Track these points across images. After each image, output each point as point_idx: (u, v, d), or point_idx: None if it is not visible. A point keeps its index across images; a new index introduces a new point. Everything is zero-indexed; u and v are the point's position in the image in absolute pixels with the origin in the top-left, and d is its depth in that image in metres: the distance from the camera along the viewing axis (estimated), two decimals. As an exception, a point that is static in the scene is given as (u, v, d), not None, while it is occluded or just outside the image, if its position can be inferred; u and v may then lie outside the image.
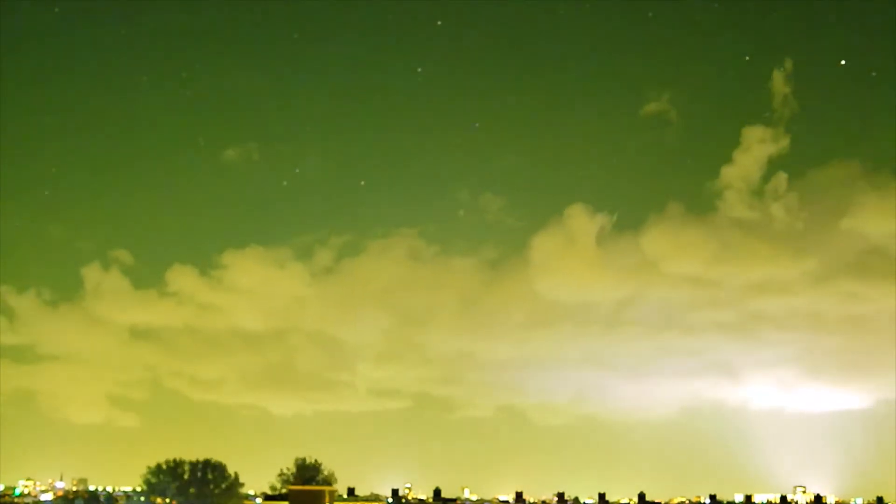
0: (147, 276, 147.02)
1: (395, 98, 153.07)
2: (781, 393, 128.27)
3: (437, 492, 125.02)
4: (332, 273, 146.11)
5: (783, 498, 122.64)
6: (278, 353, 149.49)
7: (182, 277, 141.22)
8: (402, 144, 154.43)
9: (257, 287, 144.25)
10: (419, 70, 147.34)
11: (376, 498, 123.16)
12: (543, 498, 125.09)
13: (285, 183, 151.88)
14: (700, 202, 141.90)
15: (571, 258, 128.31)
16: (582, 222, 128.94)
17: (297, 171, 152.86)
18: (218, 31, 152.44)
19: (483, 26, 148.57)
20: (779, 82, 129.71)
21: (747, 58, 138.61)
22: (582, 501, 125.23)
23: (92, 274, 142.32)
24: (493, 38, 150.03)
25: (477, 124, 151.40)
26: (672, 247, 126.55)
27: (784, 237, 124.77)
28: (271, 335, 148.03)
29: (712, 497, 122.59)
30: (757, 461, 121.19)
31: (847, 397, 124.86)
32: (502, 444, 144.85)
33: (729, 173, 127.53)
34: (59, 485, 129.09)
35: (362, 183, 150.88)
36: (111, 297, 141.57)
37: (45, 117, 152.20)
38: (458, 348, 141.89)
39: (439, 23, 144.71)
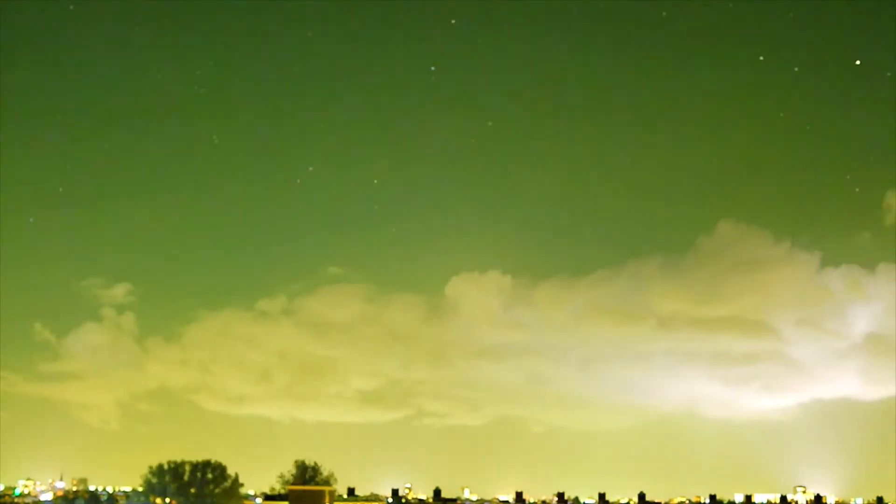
0: (154, 325, 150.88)
1: (408, 97, 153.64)
2: (716, 404, 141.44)
3: (437, 492, 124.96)
4: (299, 312, 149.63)
5: (783, 498, 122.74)
6: (274, 372, 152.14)
7: (184, 326, 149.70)
8: (415, 143, 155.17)
9: (246, 332, 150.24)
10: (432, 69, 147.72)
11: (376, 498, 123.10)
12: (543, 498, 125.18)
13: (298, 181, 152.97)
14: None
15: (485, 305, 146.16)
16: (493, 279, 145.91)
17: (311, 168, 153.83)
18: (231, 29, 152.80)
19: (496, 25, 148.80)
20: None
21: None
22: (582, 501, 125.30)
23: (110, 315, 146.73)
24: (507, 37, 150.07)
25: (491, 123, 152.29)
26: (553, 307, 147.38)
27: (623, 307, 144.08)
28: (266, 361, 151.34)
29: (712, 497, 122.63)
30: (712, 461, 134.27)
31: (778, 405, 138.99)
32: (502, 446, 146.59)
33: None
34: (59, 485, 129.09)
35: (375, 181, 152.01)
36: (127, 334, 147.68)
37: (56, 115, 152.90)
38: (424, 371, 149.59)
39: (453, 21, 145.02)
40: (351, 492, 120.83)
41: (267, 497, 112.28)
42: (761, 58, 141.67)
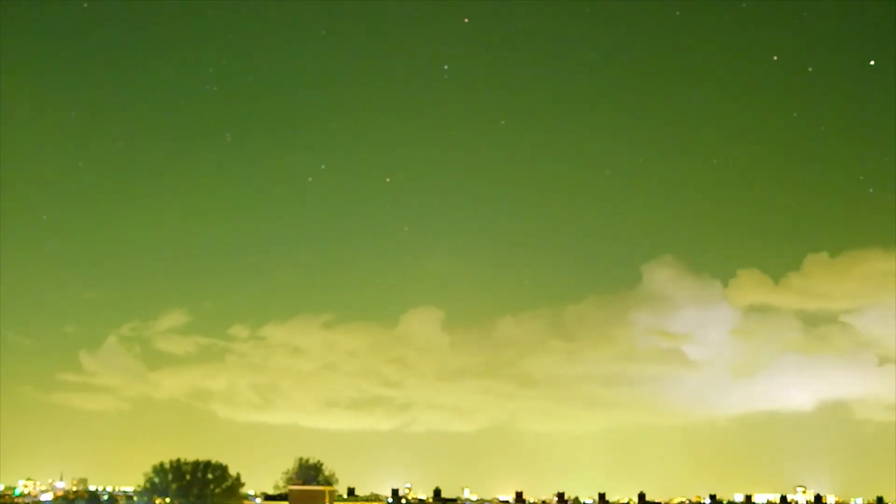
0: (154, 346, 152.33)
1: (420, 95, 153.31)
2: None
3: (437, 492, 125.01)
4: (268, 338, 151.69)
5: (783, 498, 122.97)
6: (268, 385, 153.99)
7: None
8: (427, 142, 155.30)
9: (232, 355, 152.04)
10: (445, 67, 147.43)
11: (376, 498, 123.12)
12: (543, 498, 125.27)
13: (310, 179, 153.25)
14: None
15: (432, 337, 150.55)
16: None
17: (323, 167, 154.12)
18: (244, 28, 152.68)
19: (509, 24, 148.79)
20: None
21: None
22: (582, 501, 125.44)
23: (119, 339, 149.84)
24: (520, 36, 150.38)
25: (503, 122, 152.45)
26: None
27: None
28: (258, 377, 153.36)
29: (712, 497, 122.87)
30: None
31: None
32: (502, 447, 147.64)
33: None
34: (59, 485, 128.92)
35: (387, 180, 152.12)
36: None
37: (71, 112, 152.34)
38: (407, 389, 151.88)
39: (466, 20, 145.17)
40: (351, 492, 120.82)
41: (267, 497, 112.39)
42: (775, 58, 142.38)
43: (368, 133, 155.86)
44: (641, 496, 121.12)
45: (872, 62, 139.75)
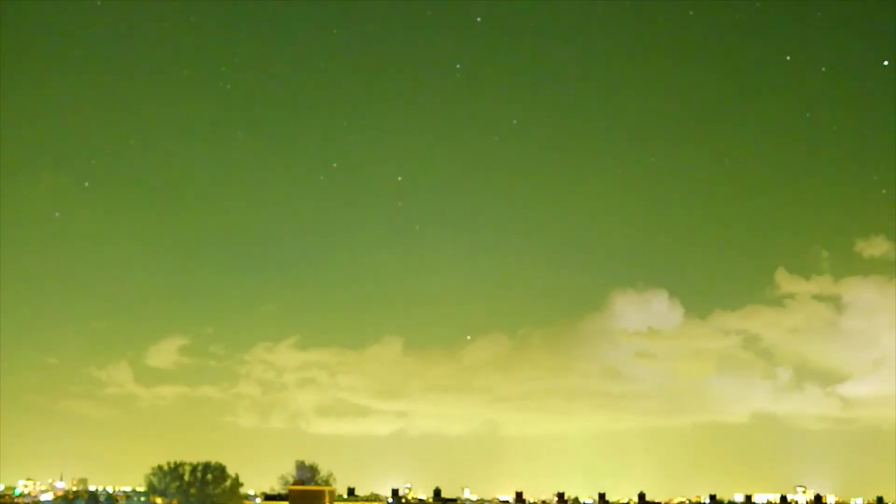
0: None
1: (433, 94, 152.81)
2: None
3: (437, 492, 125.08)
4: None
5: (783, 498, 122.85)
6: (262, 394, 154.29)
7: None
8: (438, 141, 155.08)
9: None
10: (458, 66, 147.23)
11: (376, 498, 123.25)
12: (543, 498, 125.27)
13: (322, 177, 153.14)
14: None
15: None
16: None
17: (335, 165, 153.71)
18: (257, 26, 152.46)
19: (522, 23, 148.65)
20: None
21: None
22: (582, 501, 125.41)
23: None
24: (532, 36, 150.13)
25: (515, 121, 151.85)
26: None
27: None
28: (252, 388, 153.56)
29: (712, 497, 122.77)
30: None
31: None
32: (501, 447, 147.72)
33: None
34: (59, 485, 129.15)
35: (399, 178, 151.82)
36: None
37: (82, 110, 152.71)
38: (397, 401, 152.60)
39: (478, 19, 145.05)
40: (351, 492, 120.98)
41: (267, 497, 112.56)
42: (788, 58, 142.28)
43: (380, 132, 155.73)
44: (641, 496, 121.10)
45: (886, 62, 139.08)
